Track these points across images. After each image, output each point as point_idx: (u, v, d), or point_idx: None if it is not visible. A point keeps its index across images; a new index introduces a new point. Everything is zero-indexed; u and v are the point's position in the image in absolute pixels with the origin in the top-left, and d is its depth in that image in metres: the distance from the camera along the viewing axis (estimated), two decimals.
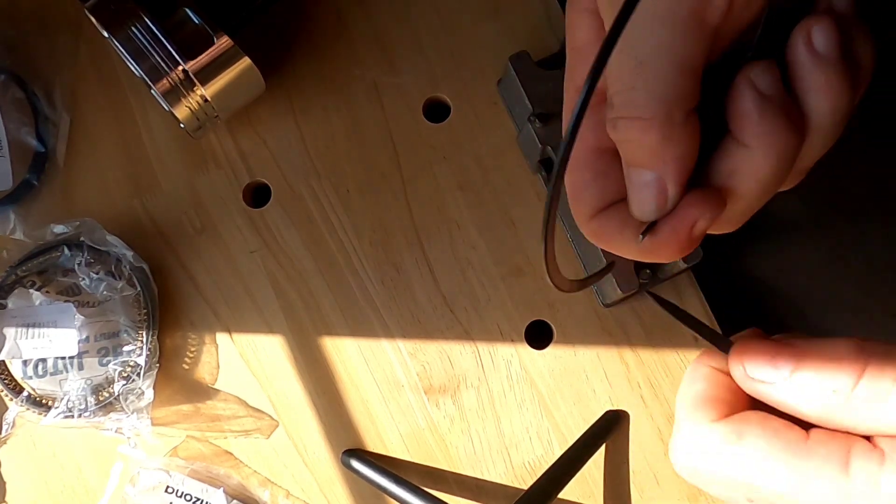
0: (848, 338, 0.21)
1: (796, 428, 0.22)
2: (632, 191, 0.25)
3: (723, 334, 0.26)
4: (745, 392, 0.23)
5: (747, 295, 0.44)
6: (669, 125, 0.23)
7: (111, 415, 0.41)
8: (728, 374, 0.24)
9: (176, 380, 0.42)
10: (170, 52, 0.36)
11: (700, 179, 0.25)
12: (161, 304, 0.42)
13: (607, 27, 0.25)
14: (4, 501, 0.42)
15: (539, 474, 0.39)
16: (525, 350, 0.41)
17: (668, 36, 0.22)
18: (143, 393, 0.41)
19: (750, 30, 0.24)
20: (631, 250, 0.27)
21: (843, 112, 0.24)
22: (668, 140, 0.23)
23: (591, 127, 0.27)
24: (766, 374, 0.22)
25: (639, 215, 0.26)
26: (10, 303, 0.41)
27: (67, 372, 0.41)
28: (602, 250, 0.38)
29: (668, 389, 0.41)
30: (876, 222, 0.40)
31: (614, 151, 0.27)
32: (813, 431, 0.21)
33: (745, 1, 0.23)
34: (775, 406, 0.23)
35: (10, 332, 0.40)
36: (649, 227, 0.25)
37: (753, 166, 0.24)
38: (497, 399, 0.41)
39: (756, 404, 0.23)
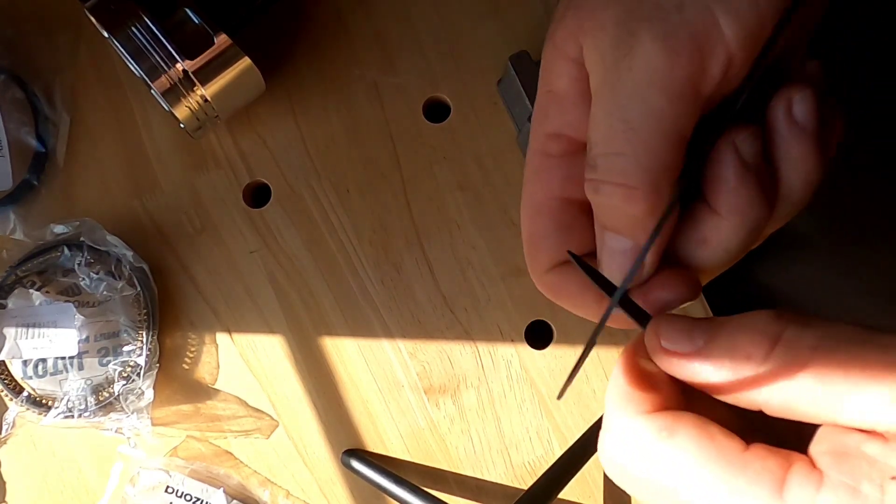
0: (764, 309, 0.20)
1: (735, 437, 0.20)
2: (605, 255, 0.25)
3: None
4: (674, 385, 0.22)
5: (757, 307, 0.44)
6: (656, 196, 0.22)
7: (111, 415, 0.41)
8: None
9: (176, 380, 0.42)
10: (169, 51, 0.36)
11: (670, 247, 0.25)
12: (161, 304, 0.42)
13: (593, 84, 0.24)
14: (4, 501, 0.42)
15: (539, 474, 0.39)
16: (525, 350, 0.41)
17: (663, 104, 0.21)
18: (143, 393, 0.41)
19: (733, 95, 0.24)
20: (589, 312, 0.26)
21: (813, 184, 0.23)
22: (652, 213, 0.23)
23: (560, 177, 0.26)
24: (680, 344, 0.21)
25: (609, 279, 0.25)
26: (10, 303, 0.41)
27: (67, 372, 0.41)
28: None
29: None
30: (887, 239, 0.40)
31: (581, 205, 0.26)
32: (752, 445, 0.19)
33: (738, 70, 0.22)
34: (691, 383, 0.21)
35: (10, 332, 0.40)
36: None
37: (724, 236, 0.23)
38: (497, 399, 0.41)
39: (686, 400, 0.22)
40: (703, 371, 0.20)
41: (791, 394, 0.19)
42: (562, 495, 0.39)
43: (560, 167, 0.26)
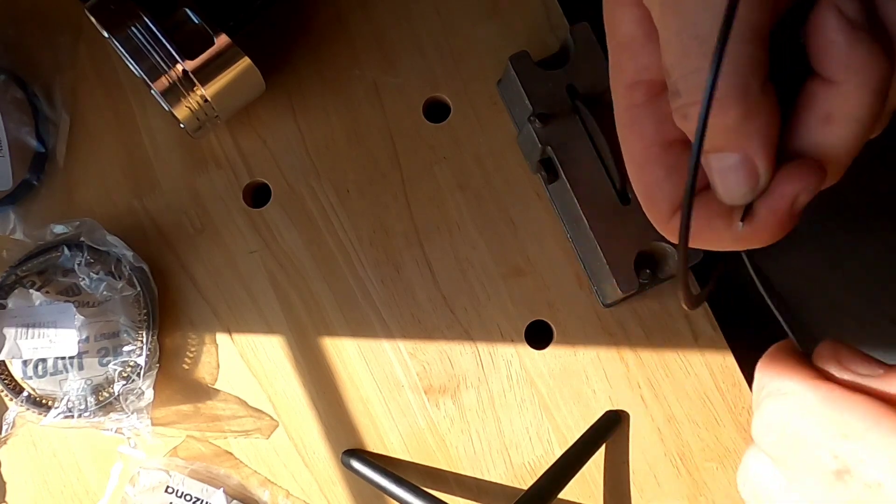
0: None
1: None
2: (717, 177, 0.24)
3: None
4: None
5: (747, 297, 0.44)
6: (747, 99, 0.21)
7: (111, 415, 0.41)
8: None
9: (176, 380, 0.42)
10: (169, 51, 0.36)
11: (784, 151, 0.23)
12: (161, 304, 0.42)
13: (656, 15, 0.23)
14: (4, 501, 0.42)
15: (539, 474, 0.39)
16: (525, 350, 0.41)
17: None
18: (143, 393, 0.41)
19: None
20: (724, 241, 0.25)
21: None
22: (749, 115, 0.21)
23: (653, 122, 0.26)
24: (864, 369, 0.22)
25: (729, 201, 0.24)
26: (10, 303, 0.41)
27: (67, 372, 0.41)
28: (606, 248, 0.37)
29: (668, 389, 0.41)
30: (873, 231, 0.40)
31: (682, 142, 0.25)
32: None
33: None
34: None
35: (10, 332, 0.40)
36: (746, 212, 0.24)
37: (849, 104, 0.22)
38: (497, 399, 0.41)
39: None
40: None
41: None
42: (562, 495, 0.39)
43: (650, 113, 0.26)
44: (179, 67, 0.36)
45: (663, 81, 0.24)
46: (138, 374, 0.40)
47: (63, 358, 0.41)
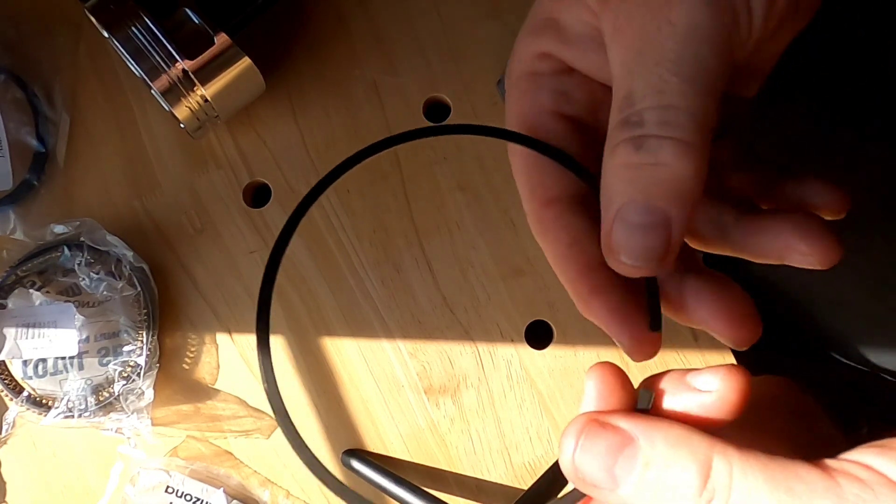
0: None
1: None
2: (622, 231, 0.21)
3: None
4: None
5: (754, 294, 0.44)
6: (703, 156, 0.21)
7: (111, 415, 0.41)
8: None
9: (176, 380, 0.42)
10: (169, 51, 0.36)
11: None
12: (161, 304, 0.42)
13: (630, 36, 0.22)
14: (4, 501, 0.42)
15: (539, 474, 0.39)
16: (525, 350, 0.41)
17: (711, 59, 0.21)
18: (143, 393, 0.41)
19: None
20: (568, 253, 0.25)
21: None
22: (699, 173, 0.21)
23: (550, 92, 0.25)
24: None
25: (621, 270, 0.22)
26: (10, 303, 0.41)
27: (67, 372, 0.41)
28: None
29: None
30: (883, 229, 0.40)
31: (574, 122, 0.25)
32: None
33: (752, 51, 0.22)
34: None
35: (10, 332, 0.40)
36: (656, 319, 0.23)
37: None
38: (497, 399, 0.41)
39: None
40: None
41: None
42: (562, 495, 0.39)
43: (550, 84, 0.25)
44: (179, 67, 0.36)
45: (570, 67, 0.25)
46: (138, 374, 0.40)
47: (63, 358, 0.41)
